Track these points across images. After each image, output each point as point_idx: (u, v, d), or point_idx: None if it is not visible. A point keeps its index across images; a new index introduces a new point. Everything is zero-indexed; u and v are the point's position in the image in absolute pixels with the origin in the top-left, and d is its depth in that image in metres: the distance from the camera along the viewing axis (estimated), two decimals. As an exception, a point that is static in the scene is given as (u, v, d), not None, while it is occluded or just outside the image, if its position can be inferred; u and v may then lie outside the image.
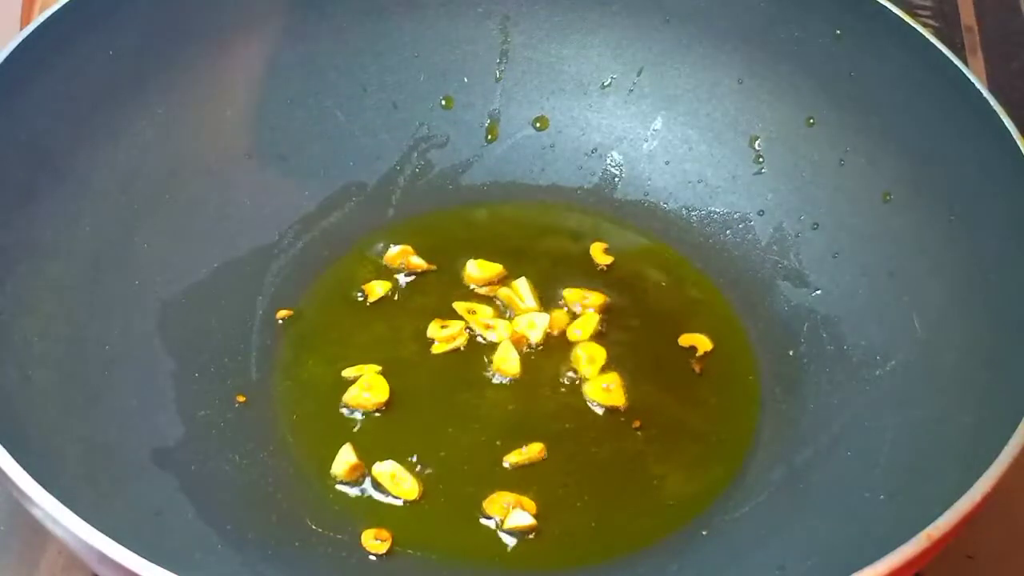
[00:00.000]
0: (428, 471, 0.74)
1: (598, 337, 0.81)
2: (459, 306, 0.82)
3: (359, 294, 0.83)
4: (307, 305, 0.82)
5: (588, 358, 0.79)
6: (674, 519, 0.73)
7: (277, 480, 0.74)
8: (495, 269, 0.83)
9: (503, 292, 0.83)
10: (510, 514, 0.72)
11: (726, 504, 0.74)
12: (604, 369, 0.79)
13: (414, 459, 0.74)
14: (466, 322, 0.81)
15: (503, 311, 0.82)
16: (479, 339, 0.80)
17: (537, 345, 0.80)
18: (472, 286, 0.83)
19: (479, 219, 0.87)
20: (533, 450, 0.75)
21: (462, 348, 0.80)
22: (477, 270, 0.83)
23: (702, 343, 0.81)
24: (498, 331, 0.80)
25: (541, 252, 0.86)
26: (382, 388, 0.77)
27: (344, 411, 0.77)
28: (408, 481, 0.73)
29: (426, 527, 0.72)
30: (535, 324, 0.81)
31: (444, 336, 0.80)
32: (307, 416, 0.77)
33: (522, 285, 0.83)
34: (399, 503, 0.73)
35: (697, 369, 0.80)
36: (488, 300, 0.83)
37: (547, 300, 0.83)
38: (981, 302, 0.72)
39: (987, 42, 1.05)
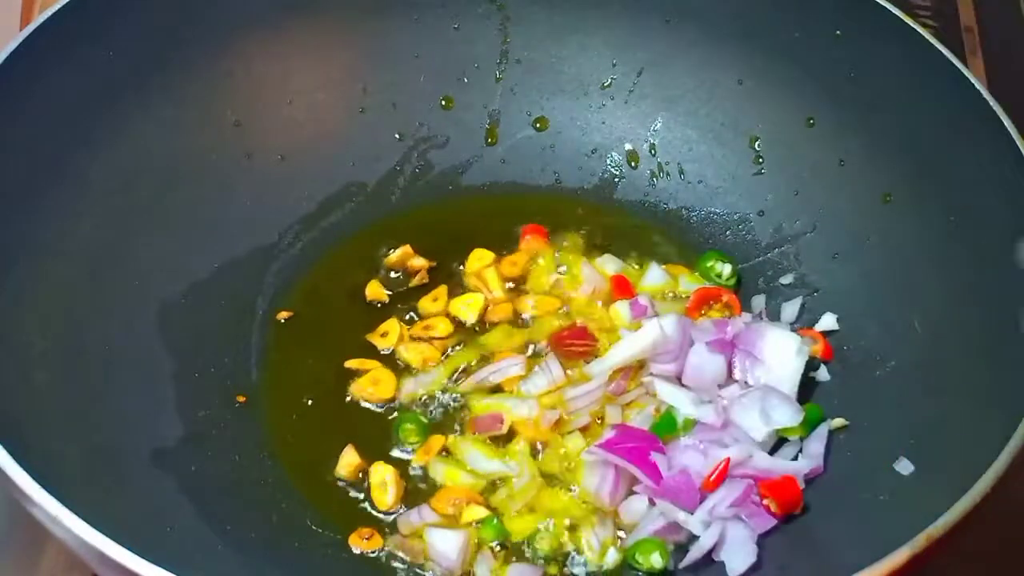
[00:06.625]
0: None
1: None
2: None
3: (359, 294, 0.83)
4: (307, 305, 0.82)
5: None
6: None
7: (277, 480, 0.74)
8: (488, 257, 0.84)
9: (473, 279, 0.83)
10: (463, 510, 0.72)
11: (726, 504, 0.74)
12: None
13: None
14: (400, 322, 0.80)
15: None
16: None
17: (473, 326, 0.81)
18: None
19: (479, 219, 0.87)
20: None
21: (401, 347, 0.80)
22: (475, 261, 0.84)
23: None
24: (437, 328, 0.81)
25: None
26: (389, 382, 0.77)
27: (344, 411, 0.77)
28: (390, 493, 0.73)
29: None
30: (468, 306, 0.81)
31: (383, 342, 0.80)
32: (307, 416, 0.77)
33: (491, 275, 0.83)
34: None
35: None
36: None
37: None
38: (981, 302, 0.72)
39: (987, 42, 1.05)
